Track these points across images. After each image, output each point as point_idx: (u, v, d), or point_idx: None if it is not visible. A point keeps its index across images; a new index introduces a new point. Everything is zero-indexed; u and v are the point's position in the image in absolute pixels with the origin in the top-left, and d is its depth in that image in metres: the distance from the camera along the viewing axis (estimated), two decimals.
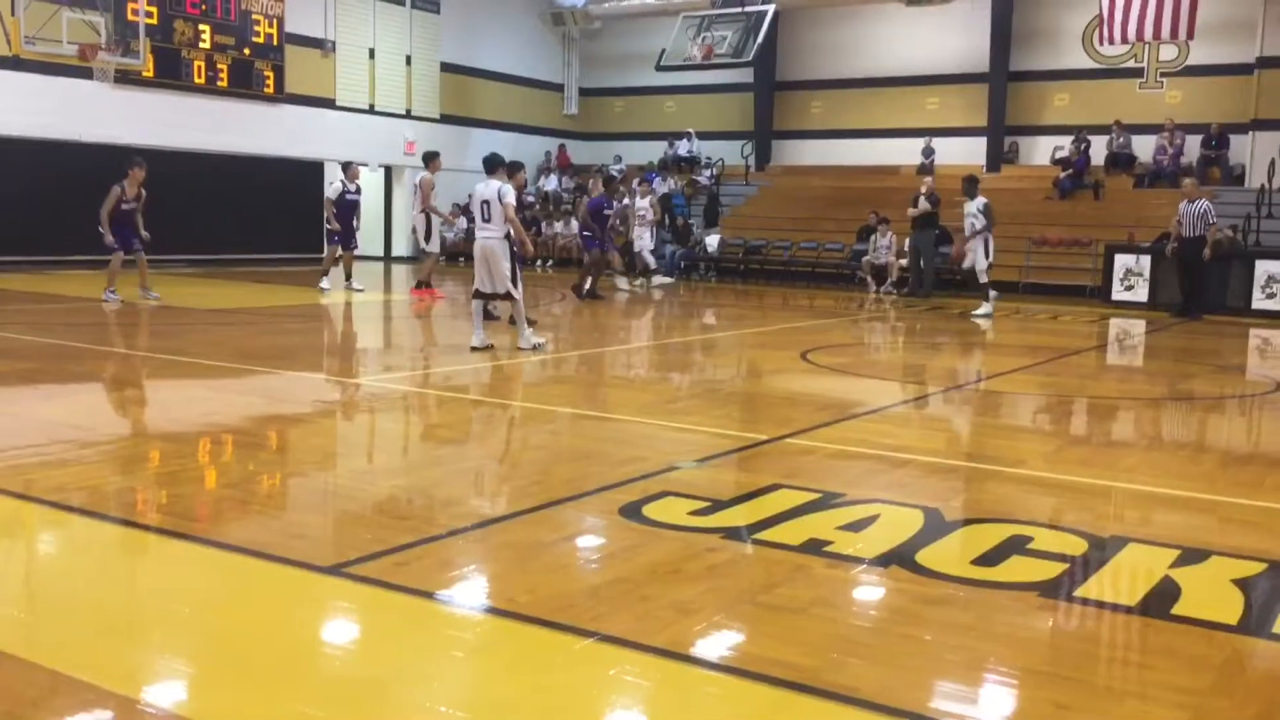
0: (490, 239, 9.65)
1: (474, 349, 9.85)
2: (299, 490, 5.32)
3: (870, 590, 3.93)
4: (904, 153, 24.53)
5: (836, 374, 9.73)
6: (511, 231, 9.62)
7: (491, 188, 9.61)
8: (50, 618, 3.49)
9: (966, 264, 15.95)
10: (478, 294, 9.92)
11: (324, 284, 16.10)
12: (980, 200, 15.62)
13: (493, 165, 9.76)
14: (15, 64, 17.07)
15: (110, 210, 13.12)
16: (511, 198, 9.61)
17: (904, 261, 19.49)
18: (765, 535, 4.41)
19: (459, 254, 23.91)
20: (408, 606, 3.59)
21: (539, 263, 24.23)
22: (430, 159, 15.49)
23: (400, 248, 26.00)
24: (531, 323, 10.56)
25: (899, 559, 4.16)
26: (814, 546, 4.28)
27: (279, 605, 3.66)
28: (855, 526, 4.58)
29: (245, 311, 14.02)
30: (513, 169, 10.00)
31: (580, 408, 7.50)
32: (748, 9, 21.96)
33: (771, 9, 21.82)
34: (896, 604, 3.76)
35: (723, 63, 22.38)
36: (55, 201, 17.37)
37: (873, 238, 20.26)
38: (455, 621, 3.53)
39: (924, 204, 18.45)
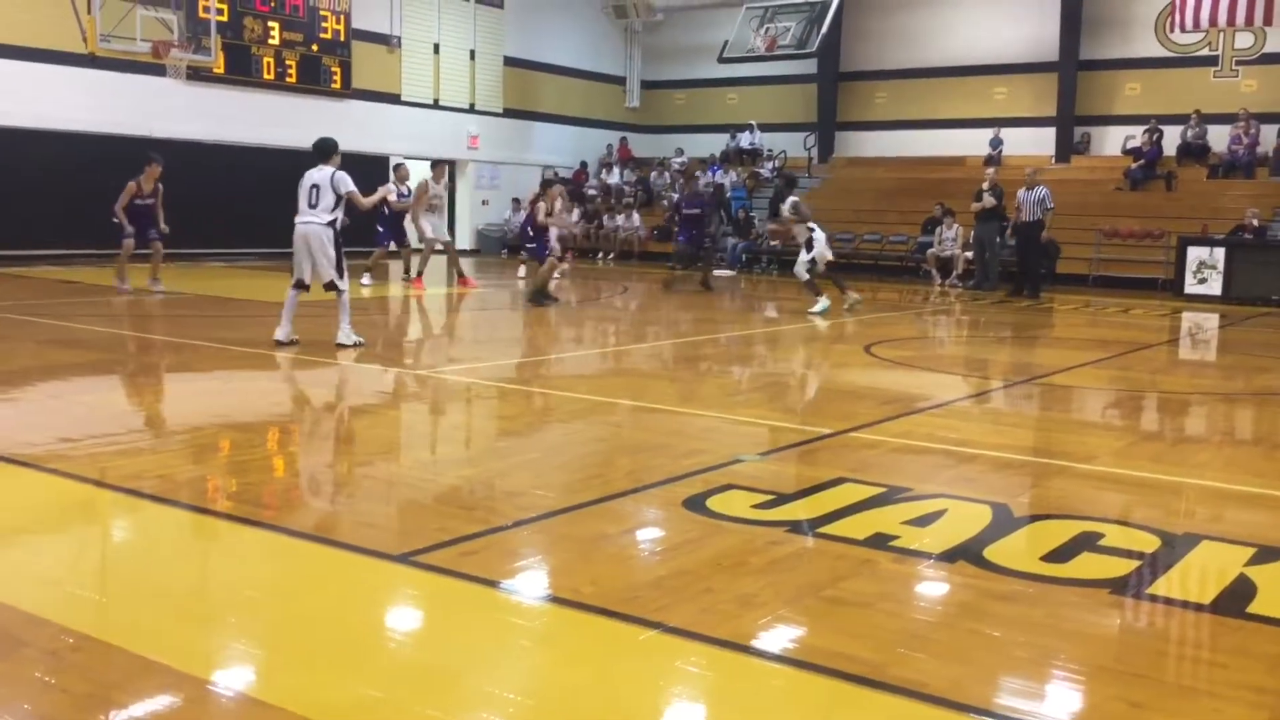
0: (314, 225, 9.21)
1: (278, 343, 9.31)
2: (366, 480, 5.39)
3: (937, 585, 3.89)
4: (970, 143, 24.18)
5: (900, 368, 9.63)
6: (338, 221, 9.33)
7: (325, 174, 9.25)
8: (127, 602, 3.57)
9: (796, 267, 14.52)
10: (299, 285, 9.44)
11: (364, 279, 16.43)
12: (790, 201, 14.53)
13: (327, 151, 9.39)
14: (91, 62, 17.47)
15: (125, 204, 13.24)
16: (351, 185, 9.32)
17: (970, 254, 19.24)
18: (830, 529, 4.38)
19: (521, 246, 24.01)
20: (474, 595, 3.62)
21: (601, 255, 24.30)
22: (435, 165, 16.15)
23: (464, 240, 26.21)
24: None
25: (966, 554, 4.11)
26: (879, 541, 4.24)
27: (349, 591, 3.71)
28: (921, 521, 4.54)
29: (311, 304, 14.22)
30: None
31: (641, 400, 7.51)
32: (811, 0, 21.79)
33: (836, 0, 21.63)
34: (964, 599, 3.72)
35: (786, 54, 22.24)
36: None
37: (938, 230, 20.01)
38: (520, 610, 3.56)
39: (988, 198, 18.19)
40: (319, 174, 9.26)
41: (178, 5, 17.55)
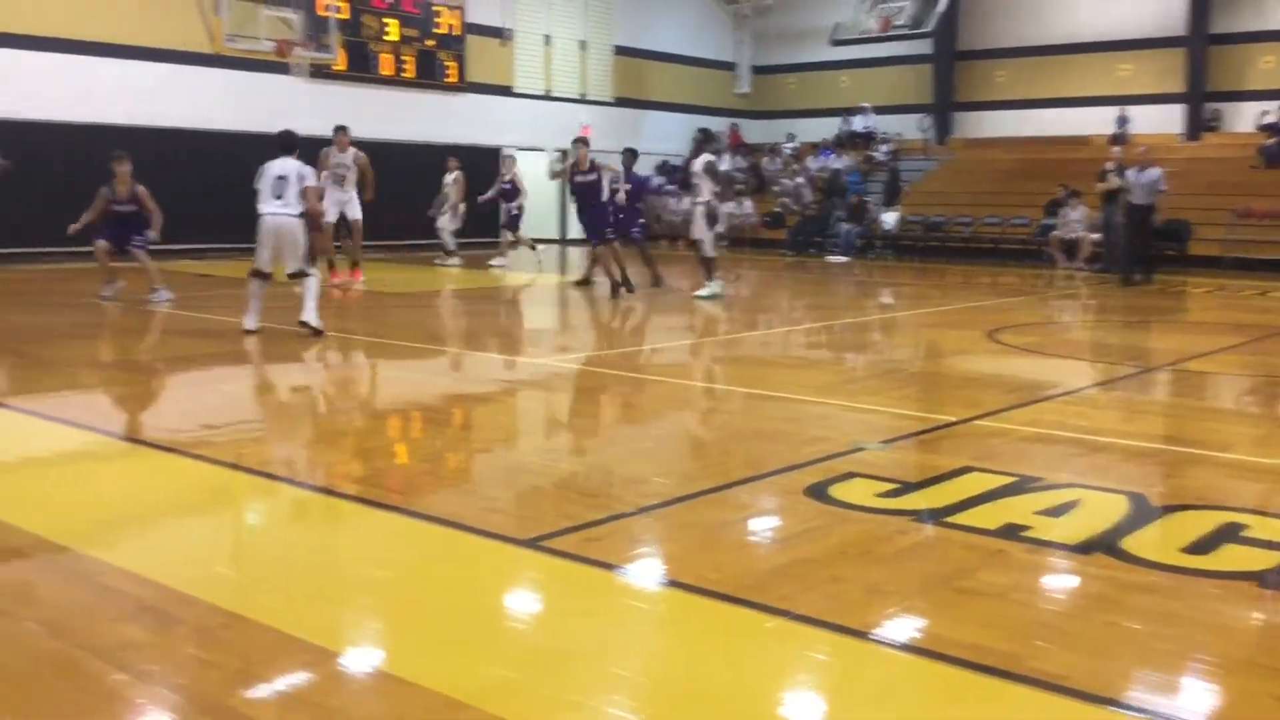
0: (285, 216, 9.30)
1: (248, 332, 9.34)
2: (491, 466, 5.49)
3: (1072, 577, 3.79)
4: (1094, 122, 23.39)
5: (1026, 354, 9.39)
6: (309, 209, 9.51)
7: (290, 166, 9.38)
8: (268, 581, 3.71)
9: (694, 235, 13.20)
10: (257, 273, 9.48)
11: (495, 261, 17.04)
12: (703, 159, 13.33)
13: (292, 144, 9.57)
14: (218, 61, 18.12)
15: (99, 213, 11.89)
16: (315, 179, 9.56)
17: (1096, 236, 18.62)
18: (958, 519, 4.30)
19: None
20: (600, 580, 3.66)
21: None
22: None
23: (576, 230, 26.43)
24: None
25: (1103, 545, 3.99)
26: (1011, 531, 4.15)
27: (479, 575, 3.79)
28: (1054, 511, 4.42)
29: (430, 294, 14.55)
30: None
31: (758, 387, 7.48)
32: None
33: None
34: (1101, 591, 3.61)
35: (901, 34, 21.82)
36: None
37: (1062, 212, 19.42)
38: (646, 596, 3.59)
39: (1113, 179, 17.57)
40: (284, 165, 9.43)
41: (299, 5, 18.06)
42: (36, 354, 8.64)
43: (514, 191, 17.69)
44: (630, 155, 14.64)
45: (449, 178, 18.00)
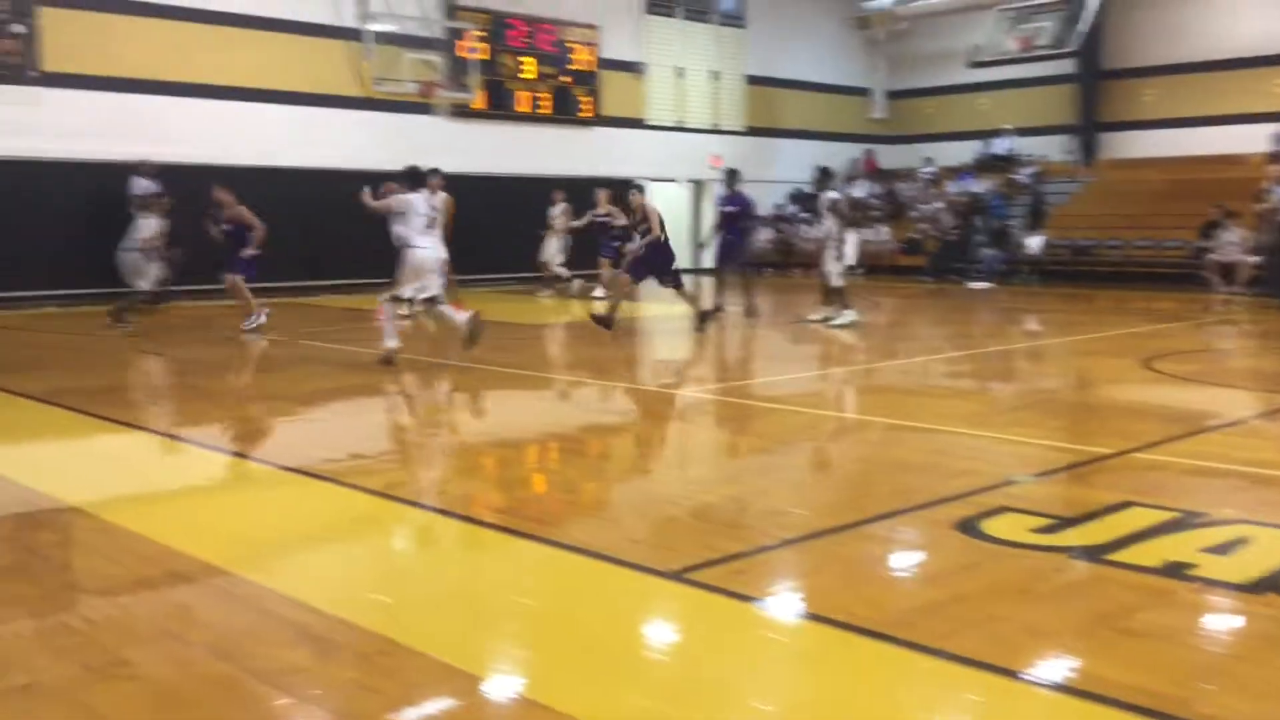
0: (435, 250, 9.64)
1: (388, 355, 9.54)
2: (632, 496, 5.52)
3: (1241, 617, 3.60)
4: (1250, 140, 22.27)
5: (1185, 383, 8.98)
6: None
7: (438, 199, 9.74)
8: (420, 608, 3.79)
9: (824, 266, 13.34)
10: (397, 299, 9.79)
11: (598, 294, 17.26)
12: (829, 195, 13.60)
13: (424, 178, 9.92)
14: (366, 104, 18.83)
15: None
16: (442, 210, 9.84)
17: (1256, 258, 17.71)
18: (1118, 556, 4.12)
19: (766, 263, 24.00)
20: (746, 614, 3.63)
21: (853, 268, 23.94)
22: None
23: (708, 259, 26.48)
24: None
25: (1274, 585, 3.77)
26: (1175, 569, 3.95)
27: (625, 605, 3.80)
28: (1221, 549, 4.19)
29: (562, 326, 14.76)
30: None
31: (901, 418, 7.33)
32: None
33: None
34: (1273, 633, 3.42)
35: (1043, 54, 21.22)
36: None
37: (1217, 233, 18.56)
38: (792, 631, 3.54)
39: (1272, 198, 16.71)
40: (428, 199, 9.79)
41: (442, 47, 18.66)
42: (196, 386, 9.08)
43: (606, 225, 18.08)
44: (731, 175, 14.67)
45: (555, 209, 18.47)
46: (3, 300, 15.79)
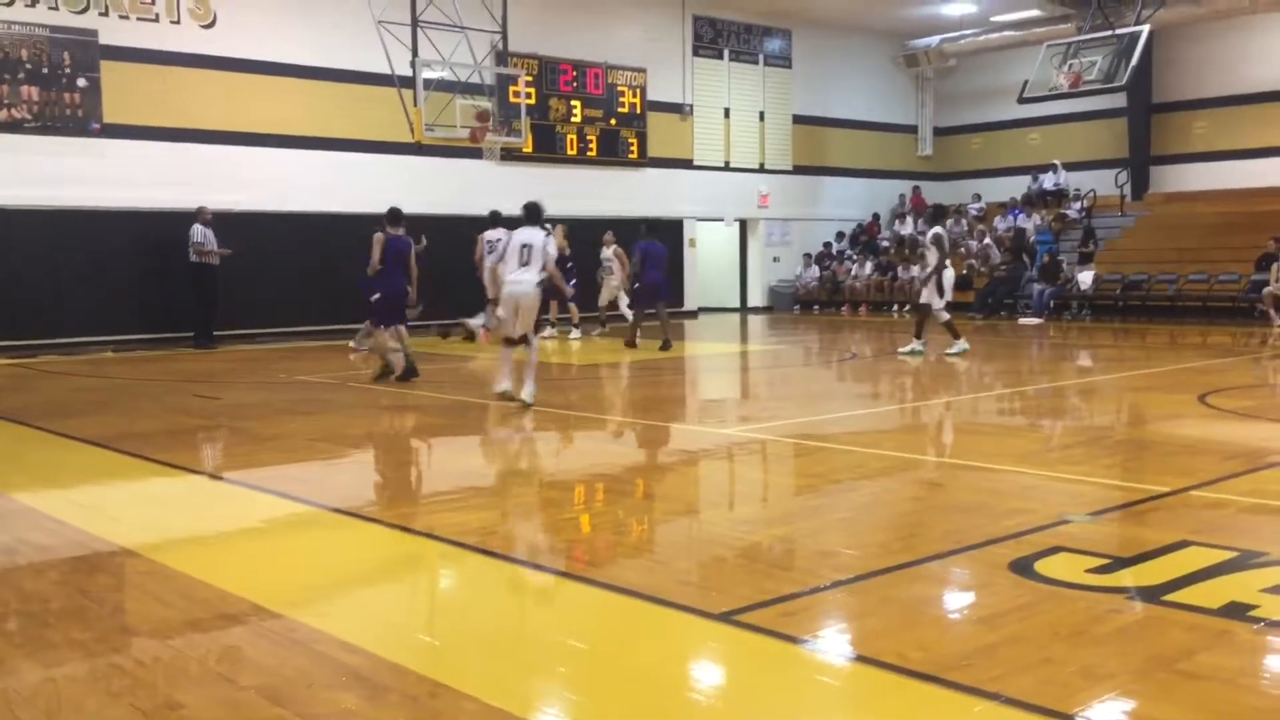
0: (527, 286, 9.55)
1: (502, 395, 9.81)
2: (681, 537, 5.50)
3: None
4: None
5: (1242, 418, 8.80)
6: (552, 280, 9.78)
7: (538, 235, 9.60)
8: (468, 650, 3.80)
9: (924, 300, 14.18)
10: (509, 341, 9.84)
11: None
12: (934, 230, 14.09)
13: (538, 214, 9.82)
14: (417, 149, 19.10)
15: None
16: (554, 248, 9.70)
17: None
18: (1177, 596, 4.04)
19: (813, 301, 23.92)
20: (797, 657, 3.59)
21: (895, 307, 23.83)
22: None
23: (756, 297, 26.47)
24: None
25: None
26: (1236, 610, 3.87)
27: (675, 648, 3.79)
28: None
29: (612, 366, 14.80)
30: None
31: (951, 456, 7.26)
32: (1119, 31, 20.60)
33: (1146, 30, 20.34)
34: None
35: (1093, 89, 21.06)
36: (452, 272, 19.09)
37: (1274, 266, 18.24)
38: (845, 674, 3.50)
39: None
40: (531, 235, 9.73)
41: (491, 93, 18.92)
42: (246, 429, 9.20)
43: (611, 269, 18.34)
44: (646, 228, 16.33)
45: (607, 251, 18.66)
46: (63, 346, 16.18)
